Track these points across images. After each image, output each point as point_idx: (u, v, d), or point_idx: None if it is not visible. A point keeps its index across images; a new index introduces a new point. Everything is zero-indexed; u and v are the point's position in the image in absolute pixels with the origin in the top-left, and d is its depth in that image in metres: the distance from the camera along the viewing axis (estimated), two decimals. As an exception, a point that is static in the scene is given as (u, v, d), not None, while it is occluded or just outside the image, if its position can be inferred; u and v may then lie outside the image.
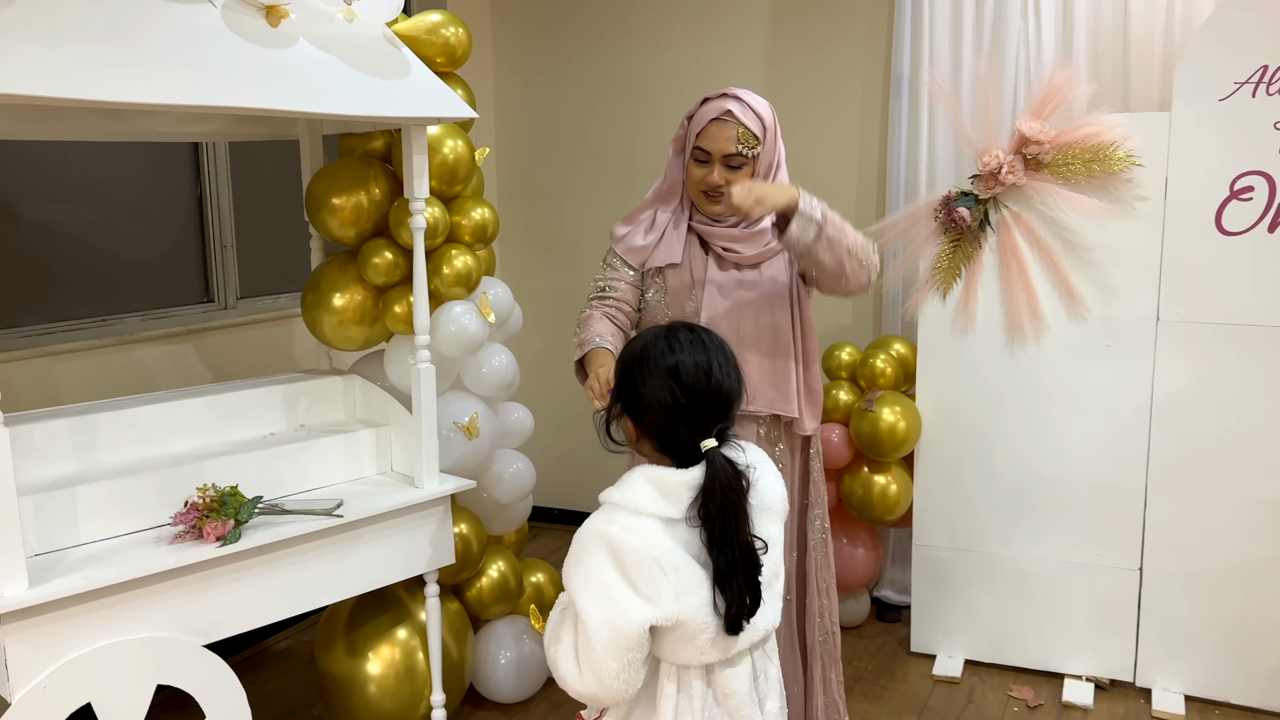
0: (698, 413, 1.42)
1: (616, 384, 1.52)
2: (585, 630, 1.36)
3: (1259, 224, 2.68)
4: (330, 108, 2.03)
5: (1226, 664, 2.84)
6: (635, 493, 1.41)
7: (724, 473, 1.40)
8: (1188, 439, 2.80)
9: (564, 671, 1.40)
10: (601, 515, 1.42)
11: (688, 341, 1.45)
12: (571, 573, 1.40)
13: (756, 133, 2.05)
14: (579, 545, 1.41)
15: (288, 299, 3.47)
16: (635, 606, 1.35)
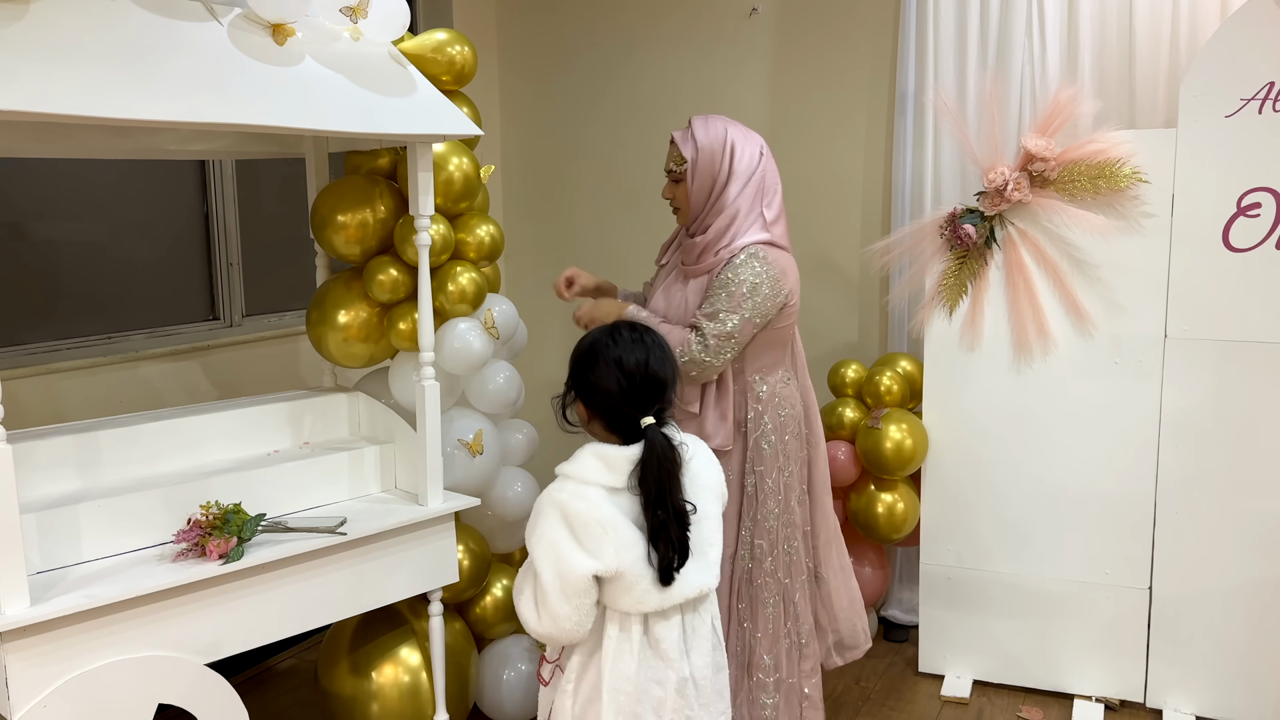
0: (638, 396, 1.70)
1: (569, 375, 1.78)
2: (540, 581, 1.65)
3: (1267, 240, 2.67)
4: (336, 125, 2.03)
5: (1238, 684, 2.81)
6: (582, 466, 1.69)
7: (660, 445, 1.67)
8: (1197, 457, 2.78)
9: (526, 615, 1.68)
10: (554, 485, 1.69)
11: (629, 338, 1.74)
12: (529, 534, 1.68)
13: (686, 155, 2.37)
14: (536, 511, 1.69)
15: (293, 316, 3.47)
16: (581, 560, 1.62)
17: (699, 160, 2.35)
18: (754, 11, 3.75)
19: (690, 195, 2.38)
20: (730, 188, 2.35)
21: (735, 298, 2.27)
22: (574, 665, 1.73)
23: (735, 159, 2.36)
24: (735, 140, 2.37)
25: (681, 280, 2.43)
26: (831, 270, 3.70)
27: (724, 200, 2.35)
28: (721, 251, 2.34)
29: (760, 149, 2.41)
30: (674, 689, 1.71)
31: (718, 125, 2.38)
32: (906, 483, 3.18)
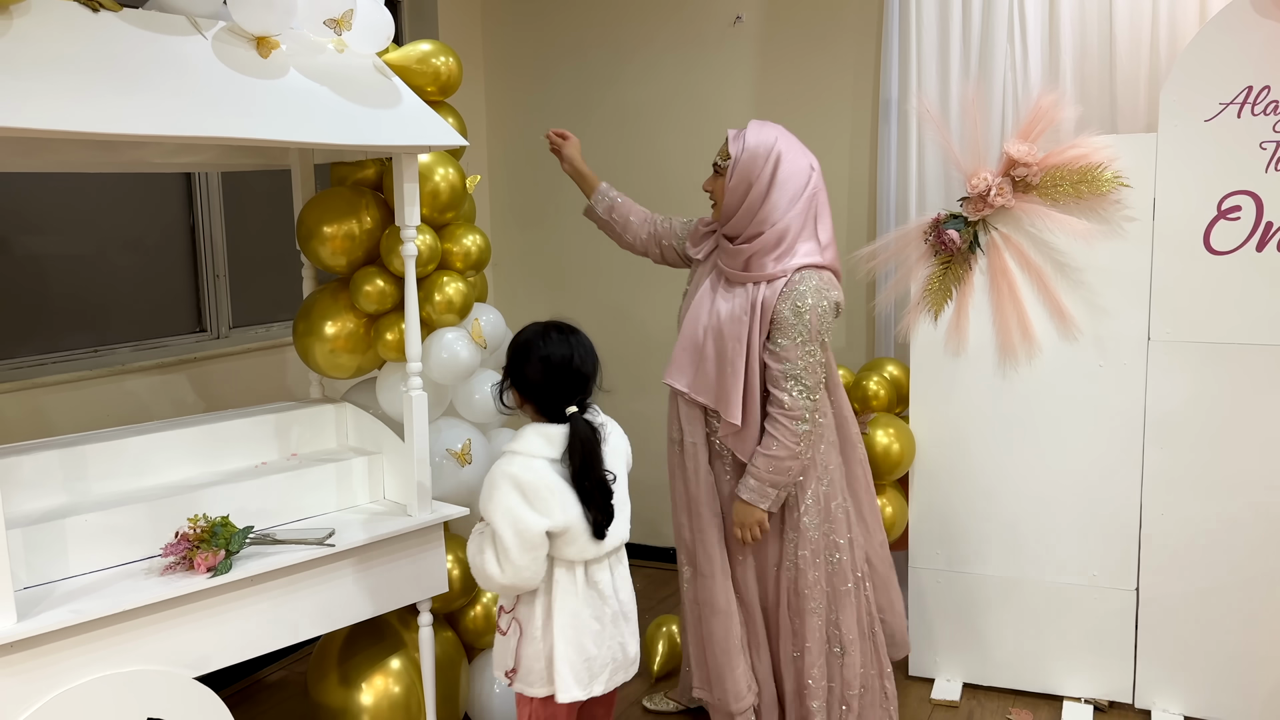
0: (563, 388, 1.99)
1: (506, 364, 2.05)
2: (501, 542, 1.92)
3: (1247, 243, 2.70)
4: (321, 137, 2.04)
5: (1225, 684, 2.83)
6: (528, 442, 1.97)
7: (582, 430, 1.97)
8: (1182, 458, 2.80)
9: (490, 572, 1.94)
10: (504, 460, 1.97)
11: (557, 339, 2.01)
12: (487, 503, 1.95)
13: (731, 152, 2.46)
14: (490, 484, 1.95)
15: (280, 328, 3.47)
16: (535, 519, 1.92)
17: (741, 159, 2.42)
18: (738, 20, 3.77)
19: (726, 191, 2.47)
20: (774, 199, 2.40)
21: (815, 327, 2.39)
22: (535, 613, 2.00)
23: (779, 168, 2.40)
24: (783, 151, 2.41)
25: (725, 285, 2.51)
26: (818, 276, 3.71)
27: (769, 212, 2.40)
28: (771, 265, 2.41)
29: (811, 166, 2.46)
30: (609, 620, 2.05)
31: (770, 132, 2.46)
32: (895, 487, 3.19)
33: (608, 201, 2.80)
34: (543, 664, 2.00)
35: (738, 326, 2.42)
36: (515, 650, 2.02)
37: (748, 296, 2.43)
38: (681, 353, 2.53)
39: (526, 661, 2.01)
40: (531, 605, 2.01)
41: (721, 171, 2.48)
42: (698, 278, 2.61)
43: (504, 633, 2.06)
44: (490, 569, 1.94)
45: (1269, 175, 2.66)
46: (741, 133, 2.47)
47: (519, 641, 2.02)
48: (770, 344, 2.41)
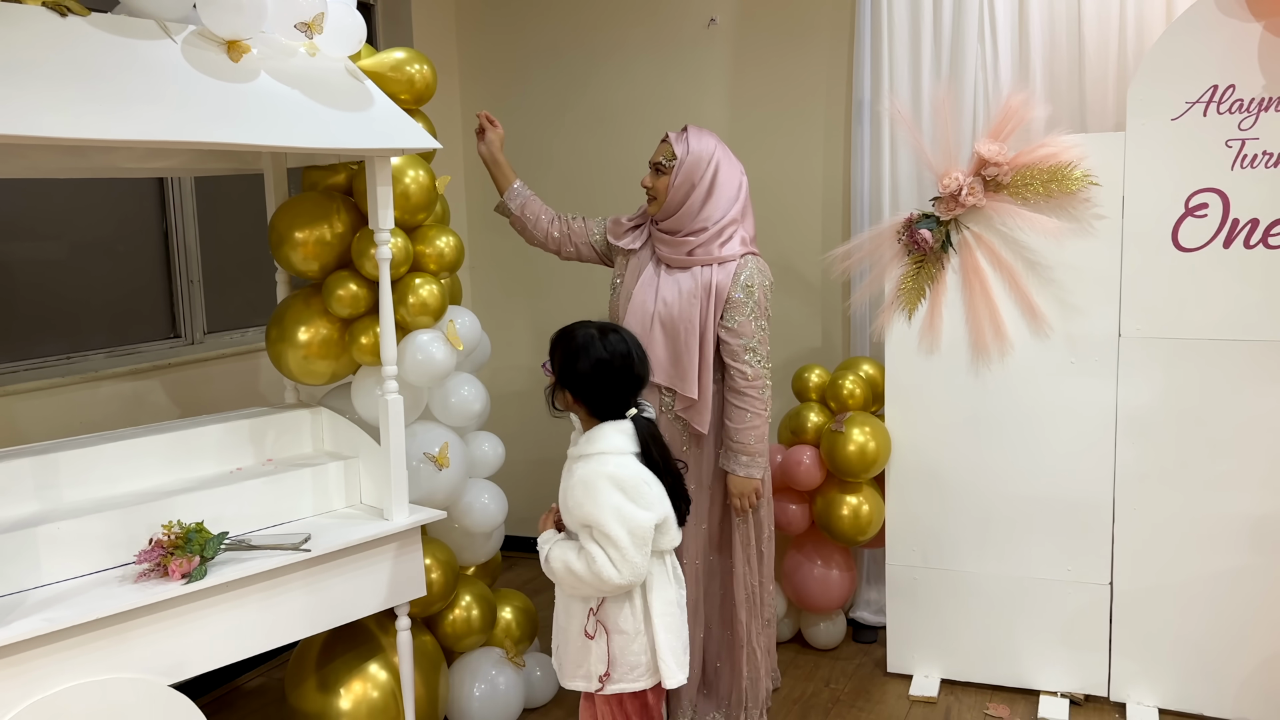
0: (623, 389, 2.02)
1: (559, 368, 2.04)
2: (617, 543, 1.91)
3: (1214, 240, 2.73)
4: (293, 141, 2.03)
5: (1198, 676, 2.86)
6: (612, 441, 1.98)
7: (647, 426, 2.02)
8: (1153, 453, 2.84)
9: (608, 575, 1.92)
10: (595, 463, 1.96)
11: (615, 339, 2.02)
12: (591, 506, 1.93)
13: (677, 153, 2.62)
14: (589, 487, 1.94)
15: (255, 333, 3.46)
16: (643, 515, 1.94)
17: (687, 162, 2.62)
18: (712, 22, 3.79)
19: (670, 189, 2.63)
20: (713, 204, 2.62)
21: (762, 304, 2.63)
22: (631, 608, 2.00)
23: (717, 176, 2.63)
24: (721, 160, 2.64)
25: (667, 272, 2.67)
26: (794, 277, 3.74)
27: (707, 215, 2.62)
28: (718, 250, 2.62)
29: (741, 176, 2.70)
30: (682, 606, 2.10)
31: (709, 140, 2.67)
32: (871, 485, 3.21)
33: (521, 199, 2.91)
34: (647, 656, 2.01)
35: (689, 309, 2.60)
36: (608, 651, 2.01)
37: (697, 280, 2.61)
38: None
39: (626, 658, 2.01)
40: (624, 601, 2.00)
41: (665, 171, 2.63)
42: (631, 268, 2.74)
43: (592, 636, 2.02)
44: (608, 573, 1.92)
45: (1235, 173, 2.69)
46: (683, 136, 2.64)
47: (610, 641, 2.01)
48: (725, 322, 2.61)
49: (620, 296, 2.74)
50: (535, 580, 4.10)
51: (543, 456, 4.34)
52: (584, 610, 2.03)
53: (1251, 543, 2.75)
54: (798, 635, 3.46)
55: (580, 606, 2.03)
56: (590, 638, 2.02)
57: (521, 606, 3.05)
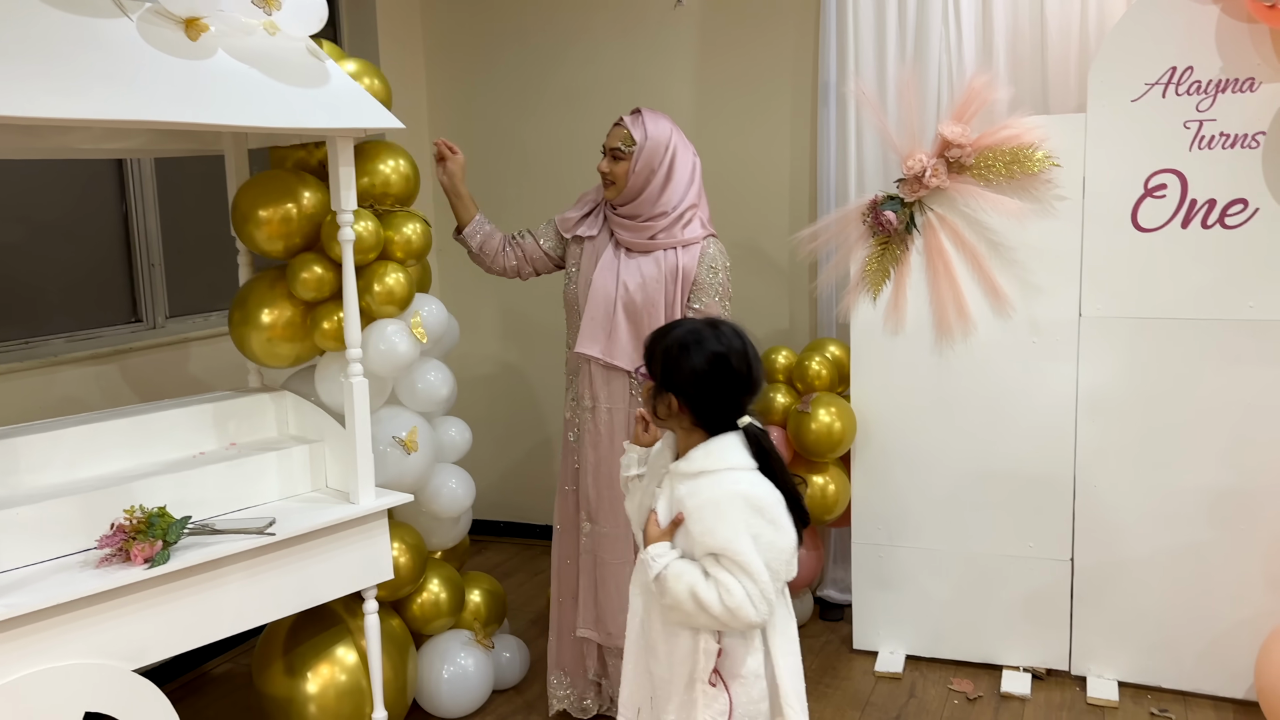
0: (738, 394, 1.75)
1: (662, 369, 1.75)
2: (753, 574, 1.65)
3: (1172, 220, 2.77)
4: (252, 120, 2.01)
5: (1157, 649, 2.92)
6: (735, 455, 1.72)
7: (762, 437, 1.75)
8: (1112, 431, 2.88)
9: (745, 614, 1.65)
10: (723, 481, 1.70)
11: (731, 335, 1.75)
12: (727, 532, 1.66)
13: (635, 138, 2.60)
14: (719, 509, 1.68)
15: (219, 317, 3.42)
16: (781, 540, 1.69)
17: (646, 147, 2.60)
18: (679, 3, 3.77)
19: (630, 175, 2.61)
20: (672, 189, 2.62)
21: (725, 285, 2.66)
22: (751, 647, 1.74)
23: (675, 160, 2.63)
24: (677, 145, 2.64)
25: (628, 255, 2.66)
26: (761, 258, 3.75)
27: (667, 199, 2.61)
28: (680, 233, 2.62)
29: (695, 159, 2.69)
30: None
31: (665, 123, 2.65)
32: (837, 464, 3.24)
33: (481, 235, 2.86)
34: (768, 703, 1.76)
35: (654, 292, 2.61)
36: (729, 701, 1.73)
37: (660, 264, 2.62)
38: (591, 322, 2.65)
39: (745, 708, 1.74)
40: (746, 640, 1.74)
41: (623, 156, 2.61)
42: (588, 254, 2.73)
43: (715, 685, 1.74)
44: (745, 611, 1.65)
45: (1192, 154, 2.73)
46: (639, 119, 2.63)
47: (729, 688, 1.73)
48: (693, 304, 2.63)
49: (579, 283, 2.72)
50: (505, 564, 4.11)
51: (510, 442, 4.34)
52: (692, 653, 1.73)
53: (1208, 518, 2.81)
54: (766, 614, 3.49)
55: (688, 649, 1.74)
56: (713, 685, 1.73)
57: (490, 589, 3.05)
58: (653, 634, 1.79)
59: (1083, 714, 2.83)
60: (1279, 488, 2.72)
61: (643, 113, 2.65)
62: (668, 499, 1.76)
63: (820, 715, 2.85)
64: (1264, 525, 2.75)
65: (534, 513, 4.37)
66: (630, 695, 1.87)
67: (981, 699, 2.93)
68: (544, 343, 4.14)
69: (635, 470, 1.93)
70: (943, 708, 2.89)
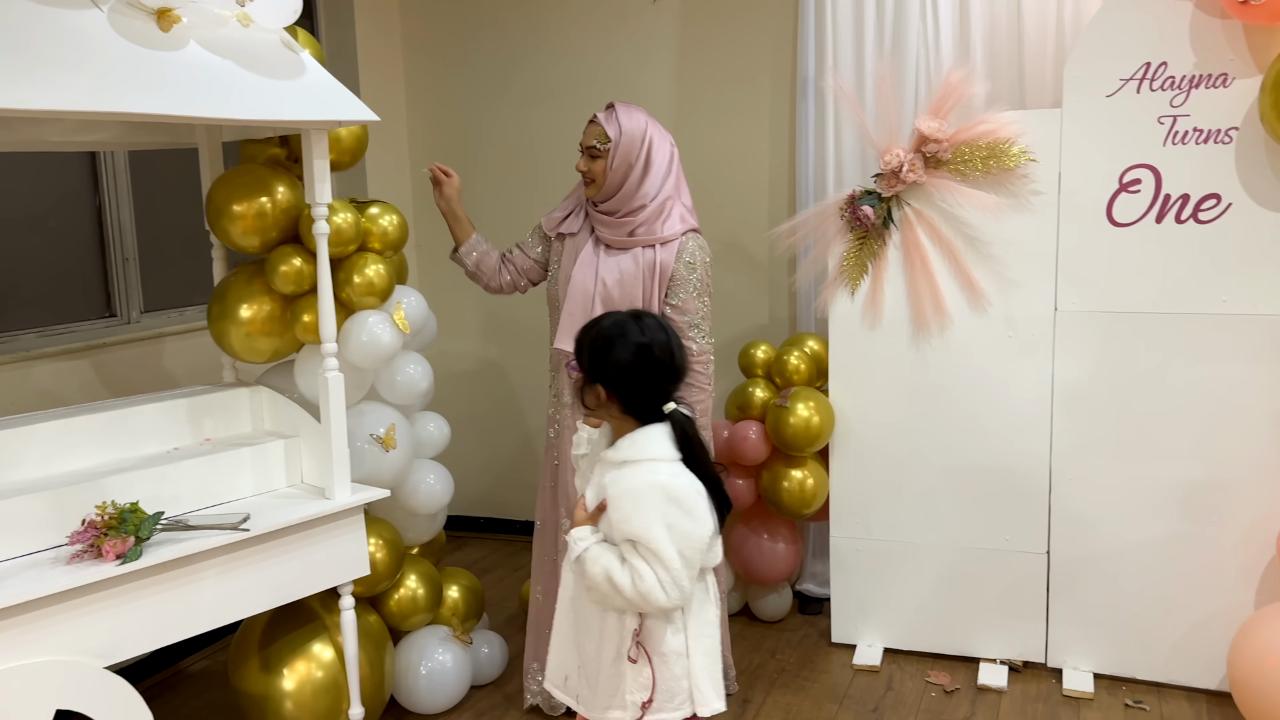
0: (663, 380, 1.82)
1: (590, 361, 1.82)
2: (664, 562, 1.72)
3: (1147, 215, 2.79)
4: (225, 112, 1.99)
5: (1131, 642, 2.94)
6: (658, 447, 1.78)
7: (686, 423, 1.81)
8: (1088, 425, 2.90)
9: (655, 598, 1.73)
10: (643, 471, 1.76)
11: (652, 325, 1.83)
12: (641, 521, 1.74)
13: (610, 135, 2.59)
14: (637, 498, 1.75)
15: (194, 312, 3.39)
16: (697, 529, 1.76)
17: (621, 142, 2.59)
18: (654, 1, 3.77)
19: (608, 172, 2.61)
20: (650, 179, 2.61)
21: (705, 280, 2.65)
22: (673, 629, 1.82)
23: (653, 151, 2.62)
24: (653, 136, 2.63)
25: (607, 252, 2.65)
26: (741, 253, 3.75)
27: (645, 190, 2.61)
28: (660, 229, 2.62)
29: (672, 147, 2.68)
30: (718, 626, 1.92)
31: (639, 116, 2.64)
32: (816, 459, 3.25)
33: (477, 254, 2.85)
34: (687, 683, 1.84)
35: (631, 288, 2.61)
36: (652, 676, 1.81)
37: (639, 260, 2.61)
38: (570, 317, 2.65)
39: (668, 684, 1.82)
40: (666, 621, 1.82)
41: (600, 154, 2.61)
42: (568, 250, 2.73)
43: (635, 660, 1.82)
44: (655, 595, 1.73)
45: (1166, 149, 2.75)
46: (612, 115, 2.62)
47: (653, 665, 1.81)
48: (671, 299, 2.63)
49: (559, 280, 2.72)
50: (484, 560, 4.10)
51: (489, 438, 4.33)
52: (619, 630, 1.82)
53: (1182, 511, 2.83)
54: (745, 608, 3.50)
55: (615, 625, 1.82)
56: (633, 662, 1.82)
57: (468, 585, 3.04)
58: (586, 610, 1.86)
59: (1058, 706, 2.85)
60: (1251, 480, 2.75)
61: (616, 107, 2.64)
62: (595, 485, 1.85)
63: (799, 708, 2.87)
64: (1236, 518, 2.78)
65: (513, 509, 4.36)
66: (558, 665, 1.94)
67: (958, 691, 2.95)
68: (522, 338, 4.13)
69: (583, 449, 1.97)
70: (920, 700, 2.90)
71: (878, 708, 2.87)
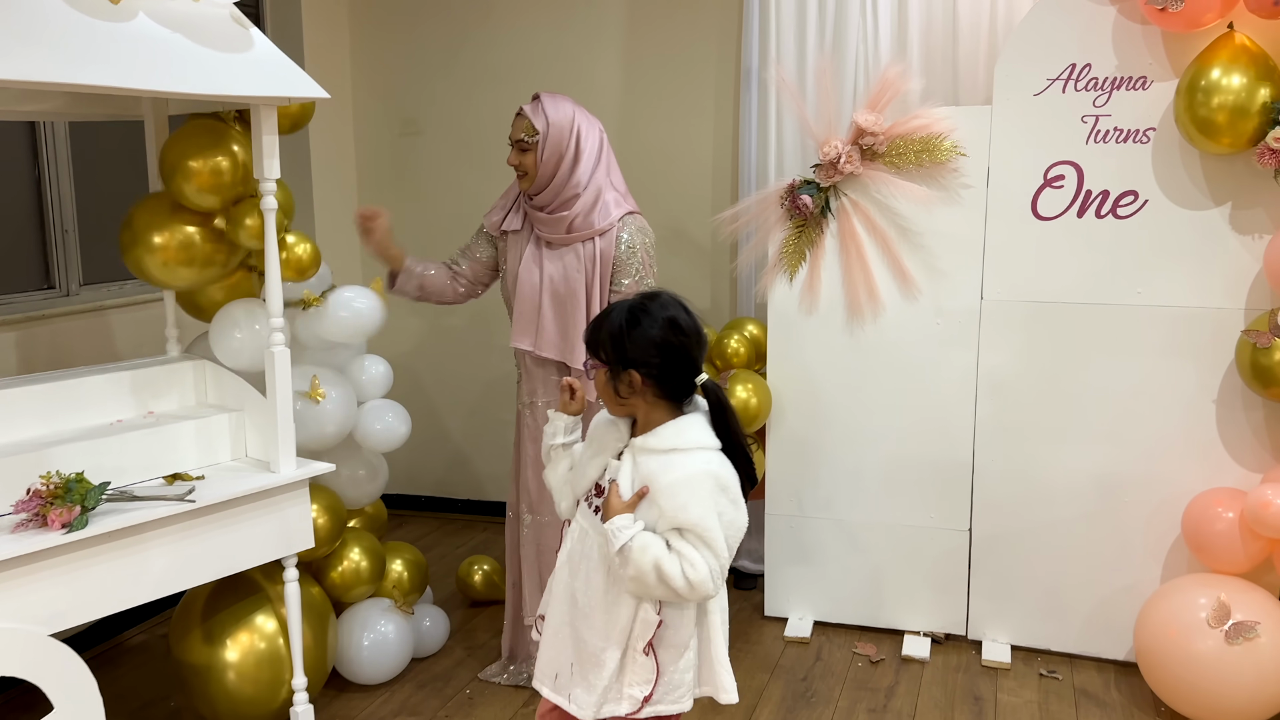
0: (696, 349, 1.78)
1: (614, 350, 1.77)
2: (716, 551, 1.69)
3: (1069, 210, 2.93)
4: (174, 86, 2.00)
5: (1047, 615, 3.10)
6: (703, 434, 1.76)
7: (722, 392, 1.79)
8: (1009, 409, 3.04)
9: (705, 588, 1.69)
10: (695, 458, 1.73)
11: (670, 301, 1.79)
12: (699, 510, 1.69)
13: (538, 127, 2.62)
14: (693, 486, 1.70)
15: (134, 286, 3.37)
16: (740, 519, 1.75)
17: (549, 134, 2.61)
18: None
19: (539, 164, 2.63)
20: (581, 168, 2.64)
21: (646, 262, 2.68)
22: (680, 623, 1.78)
23: (582, 140, 2.64)
24: (581, 124, 2.65)
25: (549, 249, 2.69)
26: (685, 239, 3.83)
27: (577, 179, 2.63)
28: (598, 221, 2.64)
29: (600, 133, 2.70)
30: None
31: (565, 105, 2.65)
32: (752, 439, 3.34)
33: (415, 281, 2.81)
34: (693, 674, 1.80)
35: (574, 283, 2.64)
36: (656, 669, 1.77)
37: (580, 254, 2.65)
38: (521, 316, 2.70)
39: (672, 677, 1.78)
40: (681, 613, 1.78)
41: (529, 147, 2.63)
42: (513, 248, 2.77)
43: (647, 654, 1.77)
44: (706, 586, 1.69)
45: (1089, 147, 2.89)
46: (538, 106, 2.64)
47: (659, 658, 1.77)
48: (615, 286, 2.67)
49: (508, 279, 2.77)
50: (426, 537, 4.14)
51: (429, 417, 4.35)
52: (632, 622, 1.76)
53: (1095, 491, 2.98)
54: (682, 584, 3.59)
55: (628, 617, 1.76)
56: (647, 655, 1.76)
57: (412, 559, 3.09)
58: (591, 602, 1.80)
59: (977, 676, 2.99)
60: (1159, 464, 2.91)
61: (542, 98, 2.65)
62: (630, 473, 1.77)
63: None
64: (1144, 498, 2.93)
65: (454, 487, 4.41)
66: (549, 662, 1.87)
67: (884, 662, 3.08)
68: (461, 317, 4.17)
69: (561, 439, 1.95)
70: (847, 670, 3.03)
71: (807, 677, 2.98)
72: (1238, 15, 2.61)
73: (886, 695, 2.88)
